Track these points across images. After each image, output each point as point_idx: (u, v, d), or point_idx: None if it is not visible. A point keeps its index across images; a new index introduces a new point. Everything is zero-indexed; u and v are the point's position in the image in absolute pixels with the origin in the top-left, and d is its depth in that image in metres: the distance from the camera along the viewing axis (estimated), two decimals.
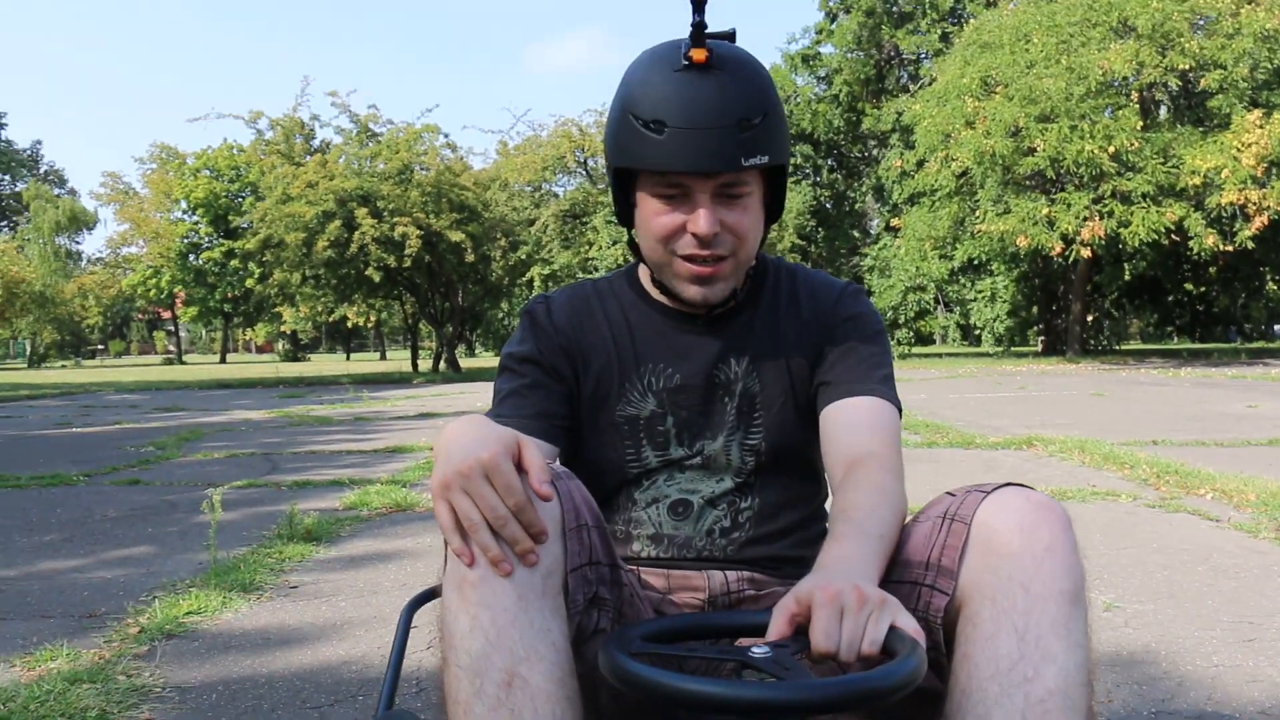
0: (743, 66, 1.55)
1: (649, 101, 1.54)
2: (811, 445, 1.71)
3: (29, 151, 70.52)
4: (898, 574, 1.42)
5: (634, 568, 1.66)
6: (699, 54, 1.51)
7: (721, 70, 1.53)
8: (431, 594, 1.68)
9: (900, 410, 1.70)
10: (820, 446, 1.69)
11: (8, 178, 67.80)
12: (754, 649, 1.16)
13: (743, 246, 1.62)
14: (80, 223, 65.96)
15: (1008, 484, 1.41)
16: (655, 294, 1.76)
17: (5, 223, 68.92)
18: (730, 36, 1.56)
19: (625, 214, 1.69)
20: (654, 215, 1.61)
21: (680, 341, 1.73)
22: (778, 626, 1.20)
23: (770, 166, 1.58)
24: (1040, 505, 1.35)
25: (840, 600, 1.17)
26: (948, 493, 1.47)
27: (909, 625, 1.16)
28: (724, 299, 1.68)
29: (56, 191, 67.86)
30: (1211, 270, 35.38)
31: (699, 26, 1.50)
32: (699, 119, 1.50)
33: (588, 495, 1.42)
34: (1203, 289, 41.76)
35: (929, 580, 1.39)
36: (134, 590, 4.16)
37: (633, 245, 1.73)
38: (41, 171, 71.02)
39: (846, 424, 1.64)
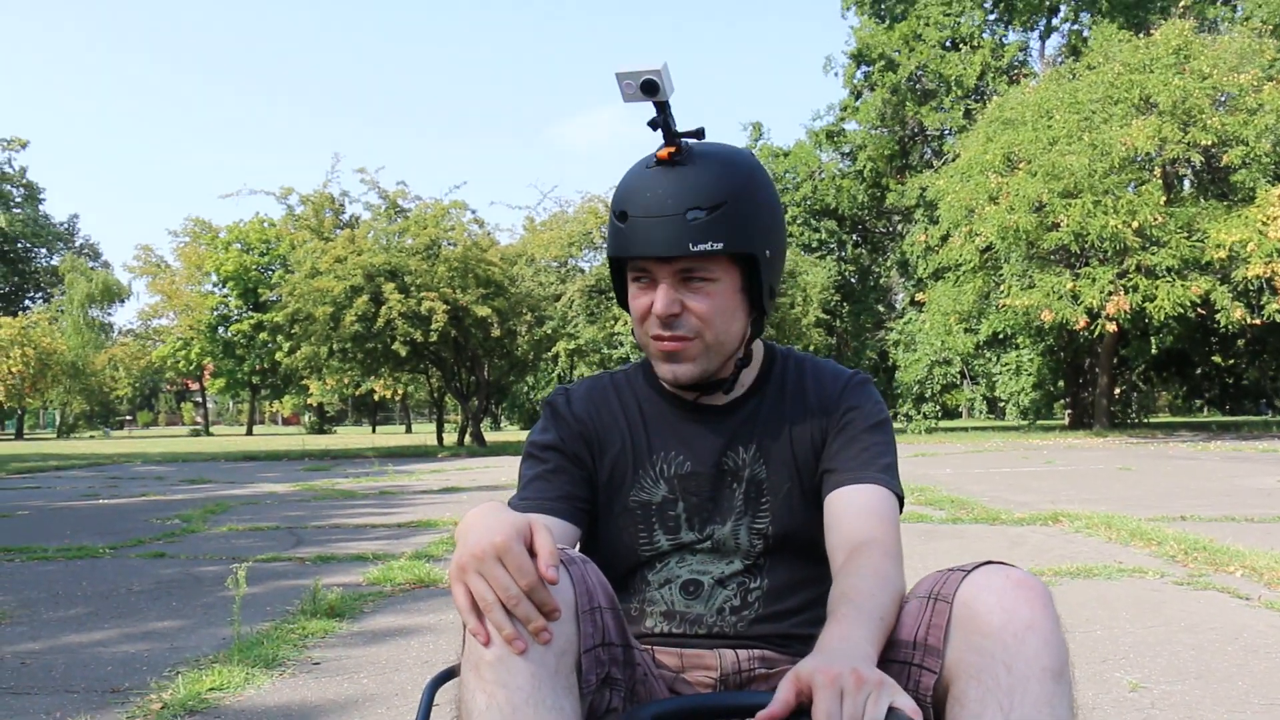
0: (712, 160, 1.65)
1: (620, 195, 1.67)
2: (818, 529, 1.74)
3: (65, 226, 71.45)
4: (889, 653, 1.45)
5: (648, 647, 1.70)
6: (664, 152, 1.63)
7: (687, 165, 1.63)
8: (453, 672, 1.69)
9: (902, 499, 1.74)
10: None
11: (44, 251, 68.69)
12: None
13: (708, 329, 1.68)
14: (113, 295, 66.66)
15: (988, 562, 1.45)
16: (668, 385, 1.83)
17: (40, 294, 69.72)
18: (697, 134, 1.66)
19: (625, 302, 1.79)
20: (632, 298, 1.72)
21: (690, 430, 1.80)
22: (778, 707, 1.22)
23: (735, 255, 1.65)
24: (1020, 583, 1.38)
25: (840, 682, 1.19)
26: (937, 571, 1.50)
27: (906, 705, 1.18)
28: (697, 380, 1.74)
29: (91, 264, 68.67)
30: (1240, 343, 35.26)
31: (663, 125, 1.62)
32: (651, 207, 1.61)
33: (602, 578, 1.46)
34: (1231, 361, 41.57)
35: (917, 659, 1.43)
36: (157, 665, 4.17)
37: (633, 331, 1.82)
38: (77, 245, 71.89)
39: (848, 510, 1.68)
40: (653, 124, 1.63)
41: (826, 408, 1.80)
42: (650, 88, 1.57)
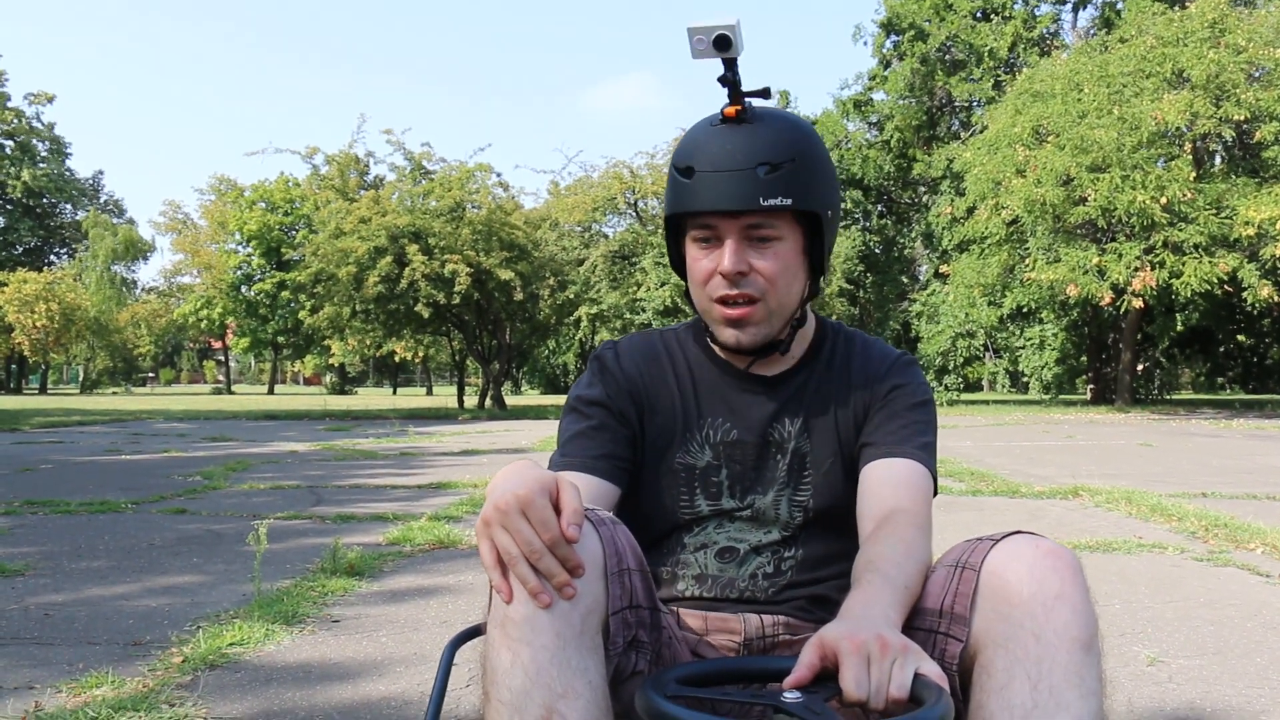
0: (776, 120, 1.65)
1: (685, 151, 1.66)
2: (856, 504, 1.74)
3: (90, 181, 71.51)
4: (915, 621, 1.46)
5: (674, 609, 1.72)
6: (730, 110, 1.63)
7: (754, 123, 1.63)
8: (474, 632, 1.70)
9: (936, 480, 1.74)
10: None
11: (69, 206, 68.85)
12: (786, 694, 1.19)
13: (773, 291, 1.67)
14: (137, 251, 66.86)
15: (1017, 532, 1.45)
16: (719, 350, 1.83)
17: (65, 250, 69.95)
18: (763, 94, 1.65)
19: (679, 265, 1.77)
20: (693, 260, 1.70)
21: (739, 400, 1.80)
22: (804, 672, 1.22)
23: (800, 212, 1.65)
24: (1049, 553, 1.38)
25: (865, 649, 1.20)
26: (965, 541, 1.51)
27: (932, 671, 1.19)
28: (759, 345, 1.73)
29: (115, 220, 68.80)
30: (1265, 321, 35.02)
31: (731, 83, 1.62)
32: (721, 162, 1.61)
33: (632, 540, 1.46)
34: (1256, 340, 41.31)
35: (943, 628, 1.43)
36: (178, 619, 4.20)
37: (687, 296, 1.80)
38: (101, 201, 72.00)
39: (881, 481, 1.68)
40: (722, 80, 1.62)
41: (871, 385, 1.80)
42: (723, 43, 1.58)
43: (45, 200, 66.22)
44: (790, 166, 1.60)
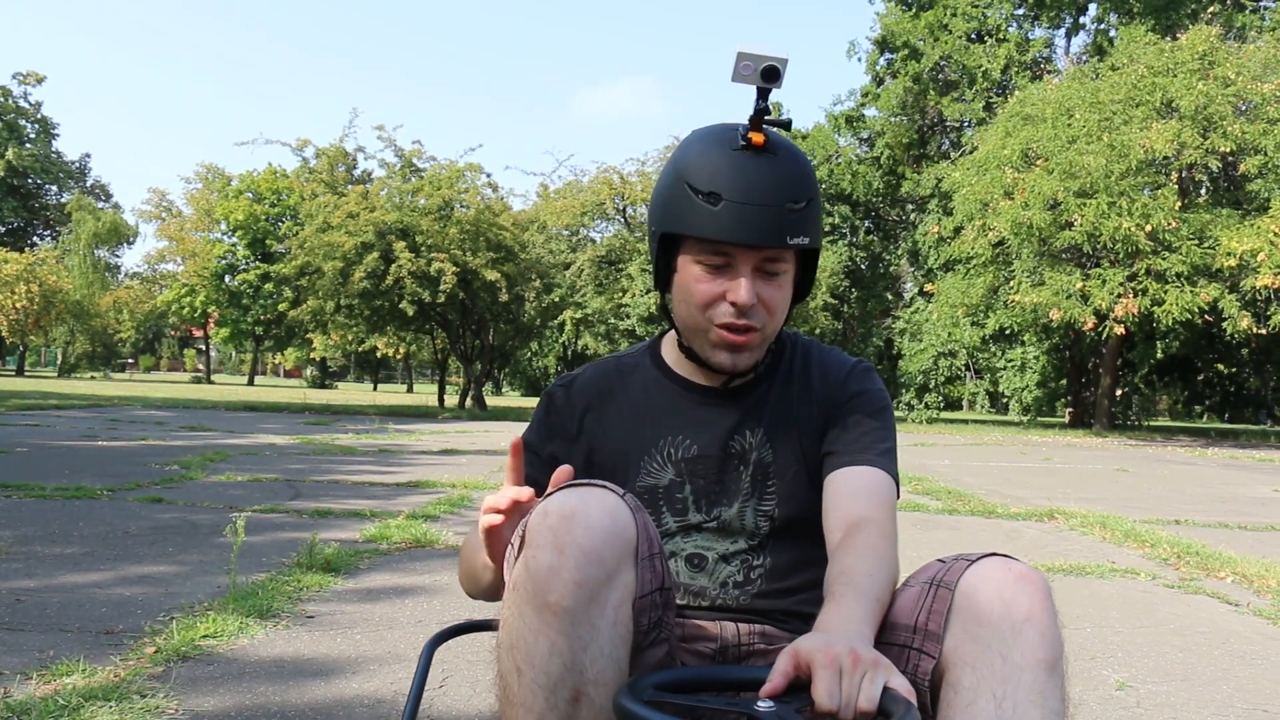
0: (792, 154, 1.68)
1: (707, 174, 1.64)
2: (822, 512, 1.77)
3: (77, 164, 71.17)
4: (888, 636, 1.49)
5: None
6: (758, 137, 1.63)
7: (774, 155, 1.65)
8: (451, 632, 1.71)
9: (898, 484, 1.78)
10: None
11: (54, 188, 68.54)
12: (760, 704, 1.21)
13: (772, 321, 1.72)
14: (120, 236, 66.49)
15: (992, 554, 1.48)
16: (677, 369, 1.88)
17: (48, 232, 69.60)
18: (786, 125, 1.67)
19: (663, 279, 1.78)
20: (695, 281, 1.70)
21: (698, 414, 1.83)
22: (778, 681, 1.25)
23: (807, 249, 1.70)
24: (1021, 576, 1.42)
25: (838, 662, 1.22)
26: (939, 559, 1.54)
27: (901, 686, 1.22)
28: (749, 368, 1.79)
29: (100, 204, 68.45)
30: (1244, 352, 35.21)
31: (761, 112, 1.62)
32: (754, 195, 1.61)
33: (652, 524, 1.52)
34: (1234, 370, 41.56)
35: (916, 644, 1.46)
36: (152, 609, 4.19)
37: (664, 309, 1.83)
38: (88, 184, 71.64)
39: (846, 490, 1.72)
40: (760, 110, 1.62)
41: (831, 393, 1.84)
42: (770, 75, 1.58)
43: (30, 180, 65.89)
44: (809, 205, 1.65)
